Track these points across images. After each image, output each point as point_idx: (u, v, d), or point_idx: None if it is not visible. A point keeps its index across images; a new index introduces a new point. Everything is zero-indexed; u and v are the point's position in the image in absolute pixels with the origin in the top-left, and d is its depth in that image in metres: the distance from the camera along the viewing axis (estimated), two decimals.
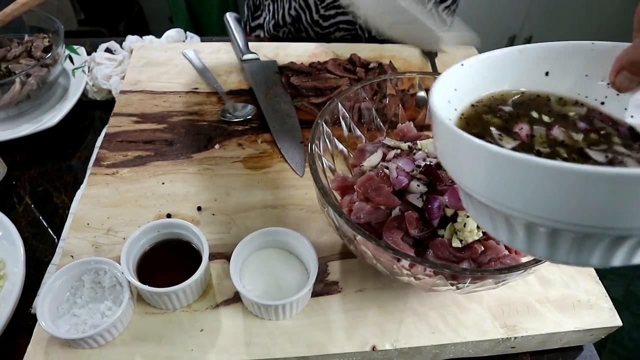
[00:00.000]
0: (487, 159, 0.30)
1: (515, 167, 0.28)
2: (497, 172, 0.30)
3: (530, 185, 0.28)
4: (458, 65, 0.41)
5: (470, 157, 0.32)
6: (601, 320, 0.56)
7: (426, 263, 0.44)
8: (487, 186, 0.32)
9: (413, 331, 0.54)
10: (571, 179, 0.26)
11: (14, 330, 0.53)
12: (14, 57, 0.79)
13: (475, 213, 0.37)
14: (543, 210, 0.29)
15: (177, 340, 0.51)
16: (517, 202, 0.30)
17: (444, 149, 0.36)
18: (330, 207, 0.48)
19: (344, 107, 0.63)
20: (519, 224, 0.32)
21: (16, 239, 0.59)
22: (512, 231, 0.34)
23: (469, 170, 0.33)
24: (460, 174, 0.35)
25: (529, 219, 0.30)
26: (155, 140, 0.74)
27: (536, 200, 0.29)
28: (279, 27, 1.10)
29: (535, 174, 0.28)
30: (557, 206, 0.28)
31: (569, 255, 0.31)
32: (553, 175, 0.27)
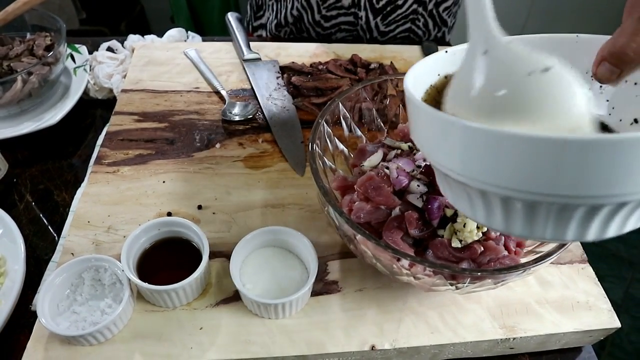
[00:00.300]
0: (456, 132, 0.31)
1: (481, 138, 0.30)
2: (467, 145, 0.31)
3: (496, 155, 0.30)
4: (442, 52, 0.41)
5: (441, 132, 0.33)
6: (600, 321, 0.56)
7: (426, 263, 0.44)
8: (460, 161, 0.33)
9: (412, 331, 0.54)
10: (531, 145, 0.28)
11: (14, 327, 0.53)
12: (16, 55, 0.79)
13: (452, 195, 0.38)
14: (512, 180, 0.30)
15: (176, 338, 0.51)
16: (489, 175, 0.31)
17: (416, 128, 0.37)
18: (330, 207, 0.48)
19: (344, 107, 0.63)
20: (494, 199, 0.33)
21: (17, 236, 0.59)
22: (489, 209, 0.35)
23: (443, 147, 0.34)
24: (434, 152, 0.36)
25: (501, 192, 0.31)
26: (156, 139, 0.74)
27: (504, 169, 0.30)
28: (281, 27, 1.10)
29: (499, 143, 0.29)
30: (525, 175, 0.29)
31: (545, 229, 0.32)
32: (516, 142, 0.28)
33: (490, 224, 0.36)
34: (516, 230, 0.34)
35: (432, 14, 1.06)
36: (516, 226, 0.34)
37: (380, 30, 1.05)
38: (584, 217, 0.31)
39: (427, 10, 1.04)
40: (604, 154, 0.26)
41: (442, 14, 1.07)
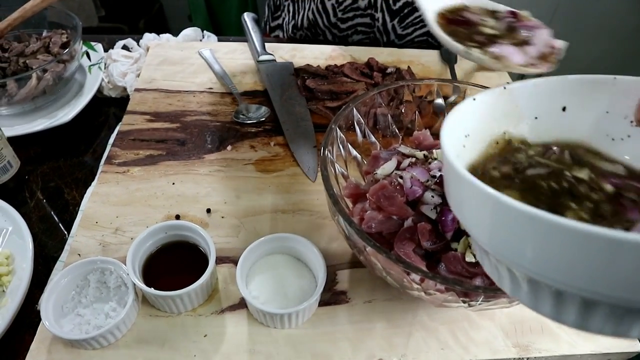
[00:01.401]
0: (489, 207, 0.28)
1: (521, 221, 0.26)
2: (500, 223, 0.27)
3: (536, 242, 0.26)
4: (469, 100, 0.39)
5: (473, 202, 0.30)
6: (619, 344, 0.53)
7: (437, 278, 0.42)
8: (490, 237, 0.29)
9: (422, 346, 0.52)
10: (585, 242, 0.23)
11: (20, 325, 0.53)
12: (32, 52, 0.79)
13: (480, 258, 0.35)
14: (548, 269, 0.26)
15: (180, 345, 0.50)
16: (521, 258, 0.27)
17: (449, 188, 0.34)
18: (340, 216, 0.47)
19: (359, 113, 0.61)
20: (522, 279, 0.30)
21: (26, 234, 0.59)
22: (515, 285, 0.31)
23: (473, 217, 0.31)
24: (463, 217, 0.32)
25: (533, 276, 0.28)
26: (168, 140, 0.74)
27: (542, 258, 0.26)
28: (297, 30, 1.09)
29: (544, 232, 0.25)
30: (565, 268, 0.25)
31: (577, 320, 0.28)
32: (560, 233, 0.24)
33: (516, 297, 0.32)
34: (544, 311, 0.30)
35: None
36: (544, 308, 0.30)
37: (398, 34, 1.04)
38: (622, 315, 0.27)
39: None
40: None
41: None
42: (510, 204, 0.25)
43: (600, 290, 0.25)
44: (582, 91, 0.39)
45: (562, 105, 0.39)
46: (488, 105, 0.39)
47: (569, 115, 0.39)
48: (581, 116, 0.39)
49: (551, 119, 0.40)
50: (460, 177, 0.30)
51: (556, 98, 0.39)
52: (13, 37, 0.83)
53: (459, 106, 0.37)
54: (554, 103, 0.40)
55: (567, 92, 0.39)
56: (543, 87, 0.39)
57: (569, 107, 0.39)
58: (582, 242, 0.23)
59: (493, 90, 0.39)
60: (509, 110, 0.39)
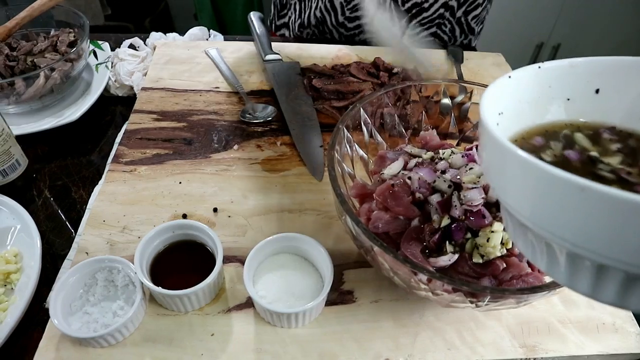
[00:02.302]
0: (537, 179, 0.27)
1: (569, 192, 0.25)
2: (547, 194, 0.27)
3: (584, 214, 0.25)
4: (505, 77, 0.38)
5: (518, 175, 0.29)
6: (627, 345, 0.53)
7: (444, 279, 0.42)
8: (532, 208, 0.29)
9: (428, 346, 0.52)
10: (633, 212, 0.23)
11: (28, 323, 0.53)
12: (40, 51, 0.79)
13: (514, 234, 0.35)
14: (594, 242, 0.26)
15: (187, 344, 0.50)
16: (564, 230, 0.27)
17: (490, 163, 0.33)
18: (348, 216, 0.47)
19: (366, 113, 0.61)
20: (561, 253, 0.29)
21: (34, 232, 0.59)
22: (552, 260, 0.31)
23: (515, 190, 0.30)
24: (504, 191, 0.32)
25: (575, 250, 0.27)
26: (174, 139, 0.74)
27: (589, 231, 0.26)
28: (304, 28, 1.09)
29: (594, 203, 0.24)
30: (614, 241, 0.25)
31: (616, 296, 0.28)
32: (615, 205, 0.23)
33: (552, 275, 0.32)
34: (581, 289, 0.30)
35: (460, 22, 1.03)
36: (581, 284, 0.30)
37: None
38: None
39: (455, 17, 1.02)
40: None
41: (470, 22, 1.04)
42: (559, 173, 0.25)
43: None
44: (617, 73, 0.38)
45: (595, 87, 0.39)
46: (522, 83, 0.38)
47: (601, 98, 0.39)
48: (614, 99, 0.38)
49: (583, 101, 0.39)
50: (503, 148, 0.29)
51: (590, 79, 0.38)
52: (21, 35, 0.84)
53: (495, 82, 0.37)
54: (587, 84, 0.39)
55: (601, 73, 0.38)
56: (577, 68, 0.38)
57: (602, 89, 0.38)
58: (633, 212, 0.23)
59: (527, 69, 0.39)
60: (542, 90, 0.39)
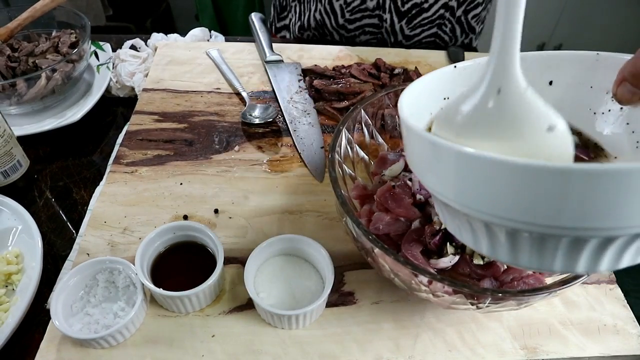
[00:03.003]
0: (440, 155, 0.31)
1: (464, 161, 0.29)
2: (449, 167, 0.30)
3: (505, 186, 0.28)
4: (449, 67, 0.40)
5: (431, 156, 0.32)
6: (629, 347, 0.53)
7: (445, 281, 0.42)
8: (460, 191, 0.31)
9: (429, 348, 0.52)
10: (534, 175, 0.26)
11: (29, 324, 0.53)
12: (41, 52, 0.80)
13: (453, 225, 0.37)
14: (517, 211, 0.28)
15: (188, 345, 0.51)
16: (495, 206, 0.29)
17: (409, 151, 0.37)
18: (348, 217, 0.47)
19: (366, 114, 0.61)
20: (479, 225, 0.32)
21: (35, 233, 0.59)
22: (493, 241, 0.33)
23: (434, 171, 0.33)
24: (427, 178, 0.35)
25: (484, 218, 0.30)
26: (175, 140, 0.74)
27: (487, 197, 0.29)
28: (304, 30, 1.09)
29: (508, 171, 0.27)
30: (507, 202, 0.28)
31: (531, 259, 0.31)
32: (501, 168, 0.27)
33: (496, 256, 0.34)
34: (502, 257, 0.33)
35: (460, 21, 1.03)
36: (501, 252, 0.33)
37: (405, 34, 1.03)
38: (596, 249, 0.29)
39: (455, 17, 1.02)
40: (609, 183, 0.25)
41: (470, 21, 1.04)
42: (441, 142, 0.30)
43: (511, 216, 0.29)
44: (569, 66, 0.40)
45: (549, 79, 0.40)
46: (468, 74, 0.39)
47: (555, 89, 0.40)
48: (567, 90, 0.40)
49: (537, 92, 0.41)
50: (412, 131, 0.33)
51: (543, 72, 0.40)
52: (23, 36, 0.84)
53: (437, 71, 0.39)
54: (540, 77, 0.40)
55: (554, 66, 0.40)
56: (530, 61, 0.40)
57: (555, 82, 0.40)
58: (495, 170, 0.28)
59: (474, 61, 0.40)
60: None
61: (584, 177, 0.25)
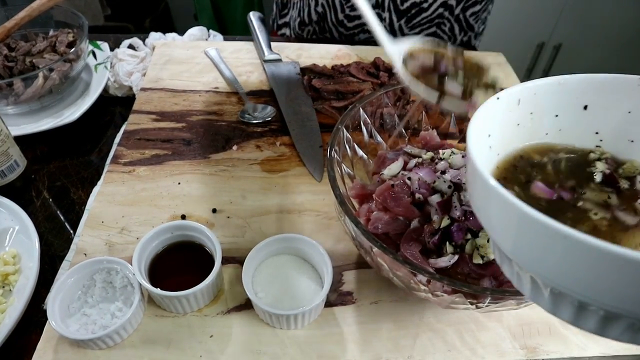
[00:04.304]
0: (515, 218, 0.28)
1: (544, 234, 0.26)
2: (525, 233, 0.28)
3: (559, 255, 0.26)
4: (493, 99, 0.38)
5: (499, 212, 0.29)
6: (629, 346, 0.53)
7: (444, 280, 0.42)
8: (513, 244, 0.29)
9: (428, 348, 0.52)
10: (612, 262, 0.23)
11: (26, 324, 0.53)
12: (39, 51, 0.79)
13: (500, 260, 0.35)
14: (574, 284, 0.26)
15: (186, 345, 0.50)
16: (544, 270, 0.28)
17: (475, 194, 0.34)
18: (347, 217, 0.46)
19: (365, 113, 0.61)
20: (545, 287, 0.30)
21: (32, 233, 0.59)
22: (536, 291, 0.31)
23: (498, 224, 0.31)
24: (488, 223, 0.32)
25: (555, 287, 0.28)
26: (173, 139, 0.74)
27: (568, 273, 0.26)
28: (305, 26, 1.09)
29: (573, 249, 0.25)
30: (593, 284, 0.25)
31: (597, 329, 0.29)
32: (589, 252, 0.24)
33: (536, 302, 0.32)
34: (564, 318, 0.31)
35: (458, 19, 1.03)
36: (564, 315, 0.30)
37: (405, 33, 1.03)
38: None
39: (454, 15, 1.02)
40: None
41: (469, 19, 1.04)
42: (537, 217, 0.25)
43: (624, 306, 0.25)
44: (605, 90, 0.38)
45: (583, 103, 0.39)
46: (510, 103, 0.38)
47: (589, 114, 0.39)
48: (602, 115, 0.39)
49: (571, 118, 0.39)
50: (486, 184, 0.30)
51: (578, 96, 0.39)
52: (20, 36, 0.83)
53: (484, 105, 0.37)
54: (575, 101, 0.39)
55: (590, 90, 0.38)
56: (567, 85, 0.39)
57: (590, 106, 0.39)
58: (607, 260, 0.23)
59: (514, 88, 0.39)
60: (531, 109, 0.39)
61: None
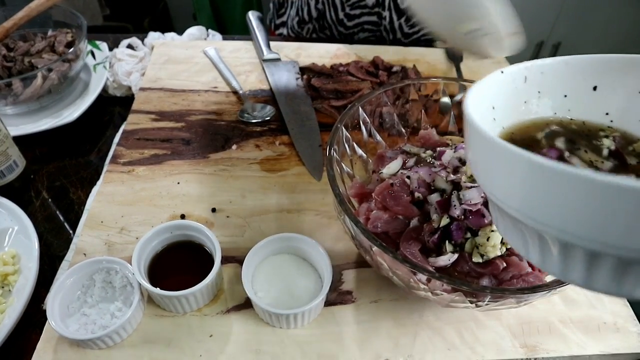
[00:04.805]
0: (525, 169, 0.27)
1: (558, 179, 0.25)
2: (535, 184, 0.27)
3: (572, 201, 0.25)
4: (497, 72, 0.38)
5: (506, 167, 0.29)
6: (629, 345, 0.53)
7: (444, 279, 0.42)
8: (522, 199, 0.29)
9: (428, 346, 0.52)
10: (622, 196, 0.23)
11: (26, 325, 0.53)
12: (37, 51, 0.79)
13: (505, 229, 0.35)
14: (584, 227, 0.26)
15: (185, 345, 0.50)
16: (555, 219, 0.27)
17: (477, 158, 0.33)
18: (346, 216, 0.46)
19: (364, 112, 0.61)
20: (554, 243, 0.29)
21: (31, 233, 0.58)
22: (545, 252, 0.31)
23: (504, 182, 0.30)
24: (492, 185, 0.32)
25: (566, 238, 0.27)
26: (172, 139, 0.73)
27: (578, 217, 0.26)
28: (304, 24, 1.09)
29: (581, 189, 0.24)
30: (602, 225, 0.25)
31: (610, 284, 0.28)
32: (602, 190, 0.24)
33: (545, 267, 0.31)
34: (574, 278, 0.30)
35: None
36: (575, 274, 0.29)
37: (404, 32, 1.03)
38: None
39: None
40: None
41: None
42: (547, 163, 0.25)
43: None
44: (614, 71, 0.38)
45: (593, 84, 0.39)
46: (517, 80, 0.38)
47: (599, 95, 0.39)
48: (611, 96, 0.38)
49: (581, 98, 0.39)
50: (490, 141, 0.29)
51: (587, 77, 0.38)
52: (19, 36, 0.83)
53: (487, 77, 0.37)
54: (584, 82, 0.39)
55: (598, 71, 0.38)
56: (574, 66, 0.38)
57: (599, 87, 0.39)
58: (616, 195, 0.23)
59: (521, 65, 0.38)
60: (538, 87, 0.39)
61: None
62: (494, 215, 0.36)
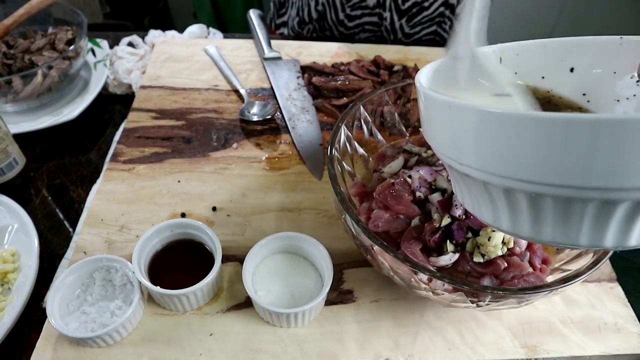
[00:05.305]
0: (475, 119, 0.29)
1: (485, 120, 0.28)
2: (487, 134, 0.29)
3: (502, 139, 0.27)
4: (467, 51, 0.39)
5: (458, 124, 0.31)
6: (629, 345, 0.53)
7: (445, 278, 0.42)
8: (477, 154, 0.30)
9: (428, 346, 0.52)
10: (547, 128, 0.25)
11: (25, 323, 0.53)
12: (37, 49, 0.79)
13: (471, 199, 0.36)
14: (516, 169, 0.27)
15: (185, 344, 0.50)
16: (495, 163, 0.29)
17: (427, 120, 0.36)
18: (347, 215, 0.46)
19: (366, 111, 0.61)
20: (497, 193, 0.31)
21: (31, 231, 0.58)
22: (494, 205, 0.32)
23: (459, 139, 0.31)
24: (442, 143, 0.34)
25: (505, 182, 0.29)
26: (173, 137, 0.73)
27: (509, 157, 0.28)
28: (304, 24, 1.09)
29: (504, 125, 0.27)
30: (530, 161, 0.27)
31: (554, 231, 0.29)
32: (524, 124, 0.26)
33: (517, 230, 0.32)
34: (524, 231, 0.31)
35: None
36: (523, 225, 0.31)
37: (405, 32, 1.03)
38: (627, 216, 0.27)
39: (455, 13, 1.01)
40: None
41: None
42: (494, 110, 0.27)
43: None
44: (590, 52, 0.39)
45: (570, 66, 0.39)
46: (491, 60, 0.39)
47: (576, 76, 0.39)
48: (589, 77, 0.39)
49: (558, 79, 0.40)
50: (439, 101, 0.31)
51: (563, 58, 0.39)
52: (19, 33, 0.83)
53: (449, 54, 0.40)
54: (561, 63, 0.40)
55: (574, 53, 0.39)
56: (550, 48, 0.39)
57: (576, 69, 0.39)
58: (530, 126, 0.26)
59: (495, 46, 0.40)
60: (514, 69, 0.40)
61: (616, 126, 0.23)
62: (459, 189, 0.38)
